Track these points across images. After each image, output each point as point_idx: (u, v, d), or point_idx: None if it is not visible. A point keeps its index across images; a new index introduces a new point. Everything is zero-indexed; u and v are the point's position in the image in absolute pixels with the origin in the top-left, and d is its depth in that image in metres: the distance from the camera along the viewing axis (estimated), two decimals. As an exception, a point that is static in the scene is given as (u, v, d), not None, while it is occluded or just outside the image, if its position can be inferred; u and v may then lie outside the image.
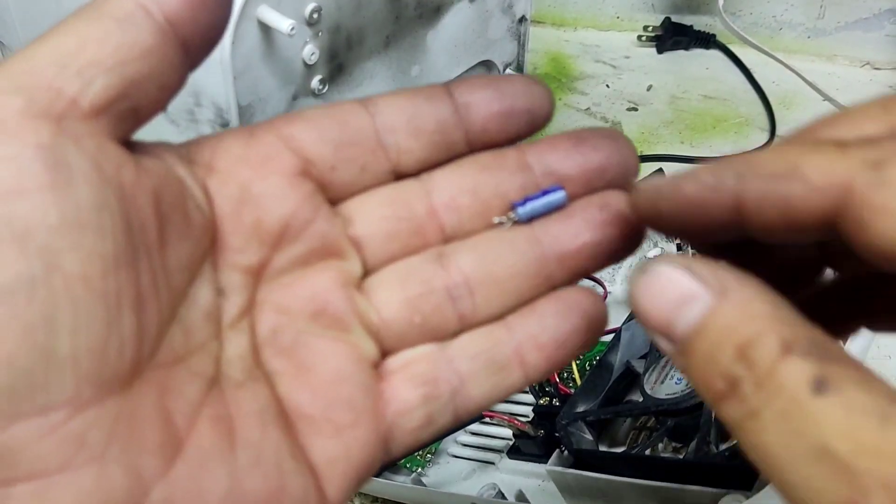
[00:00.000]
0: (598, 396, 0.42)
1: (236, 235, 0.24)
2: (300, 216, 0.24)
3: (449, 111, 0.25)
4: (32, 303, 0.19)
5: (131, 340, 0.20)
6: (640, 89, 0.83)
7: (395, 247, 0.25)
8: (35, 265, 0.19)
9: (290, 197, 0.24)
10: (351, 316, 0.24)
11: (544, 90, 0.26)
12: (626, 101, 0.82)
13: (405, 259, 0.25)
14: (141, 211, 0.21)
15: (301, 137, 0.25)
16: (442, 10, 0.47)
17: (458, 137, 0.25)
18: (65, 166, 0.19)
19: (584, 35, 0.92)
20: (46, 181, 0.19)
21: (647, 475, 0.38)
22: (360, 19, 0.42)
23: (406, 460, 0.46)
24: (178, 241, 0.22)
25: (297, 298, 0.24)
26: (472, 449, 0.47)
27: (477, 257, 0.25)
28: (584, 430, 0.41)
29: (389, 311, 0.25)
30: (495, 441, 0.46)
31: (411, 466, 0.46)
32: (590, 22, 0.92)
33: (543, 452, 0.42)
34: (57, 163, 0.19)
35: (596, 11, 0.91)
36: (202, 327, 0.23)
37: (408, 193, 0.25)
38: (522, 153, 0.26)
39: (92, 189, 0.20)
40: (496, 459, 0.45)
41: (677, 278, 0.19)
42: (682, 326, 0.19)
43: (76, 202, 0.19)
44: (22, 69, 0.20)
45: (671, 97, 0.82)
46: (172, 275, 0.22)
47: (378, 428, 0.24)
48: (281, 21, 0.37)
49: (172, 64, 0.22)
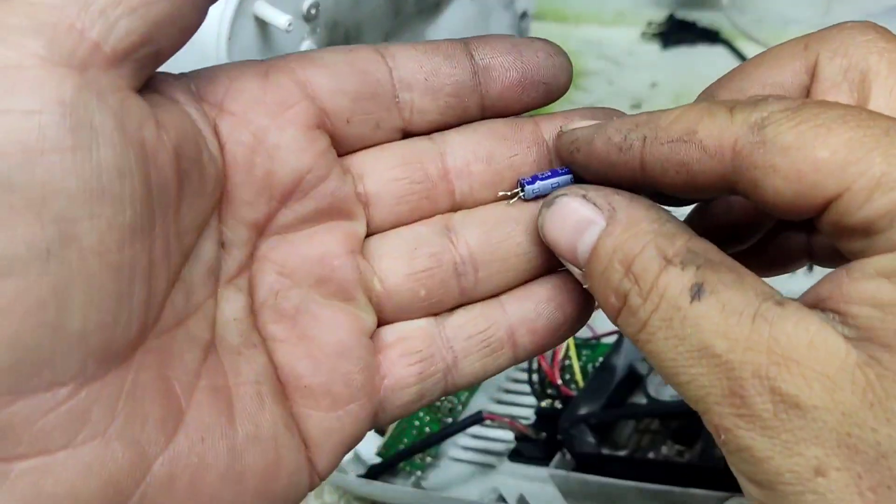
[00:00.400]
0: (601, 399, 0.42)
1: (246, 187, 0.23)
2: (314, 173, 0.23)
3: (468, 74, 0.24)
4: (44, 276, 0.17)
5: (139, 311, 0.20)
6: (643, 86, 0.83)
7: (403, 209, 0.25)
8: (50, 235, 0.17)
9: (307, 151, 0.23)
10: (356, 285, 0.24)
11: (565, 62, 0.25)
12: (629, 98, 0.81)
13: (412, 226, 0.25)
14: (161, 172, 0.20)
15: (318, 84, 0.24)
16: (442, 5, 0.46)
17: (473, 102, 0.25)
18: (87, 126, 0.18)
19: (586, 31, 0.91)
20: (68, 142, 0.18)
21: (650, 478, 0.38)
22: (359, 15, 0.41)
23: (405, 463, 0.46)
24: (193, 199, 0.21)
25: (302, 261, 0.24)
26: (472, 452, 0.46)
27: (485, 233, 0.25)
28: (586, 433, 0.40)
29: (394, 282, 0.24)
30: (496, 444, 0.46)
31: (411, 470, 0.46)
32: (593, 17, 0.91)
33: (545, 455, 0.42)
34: (79, 122, 0.18)
35: (599, 7, 0.90)
36: (203, 284, 0.22)
37: (422, 155, 0.25)
38: (538, 126, 0.25)
39: (114, 152, 0.18)
40: (497, 463, 0.45)
41: (576, 206, 0.21)
42: (581, 250, 0.21)
43: (97, 167, 0.18)
44: (40, 3, 0.18)
45: (675, 94, 0.81)
46: (184, 235, 0.21)
47: (372, 402, 0.24)
48: (278, 17, 0.36)
49: (194, 2, 0.21)
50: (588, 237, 0.21)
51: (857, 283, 0.17)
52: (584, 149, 0.23)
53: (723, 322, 0.18)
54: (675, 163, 0.20)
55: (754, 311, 0.18)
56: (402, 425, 0.46)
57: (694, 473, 0.37)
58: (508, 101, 0.25)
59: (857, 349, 0.17)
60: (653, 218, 0.20)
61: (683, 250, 0.19)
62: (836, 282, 0.18)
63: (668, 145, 0.21)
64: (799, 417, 0.17)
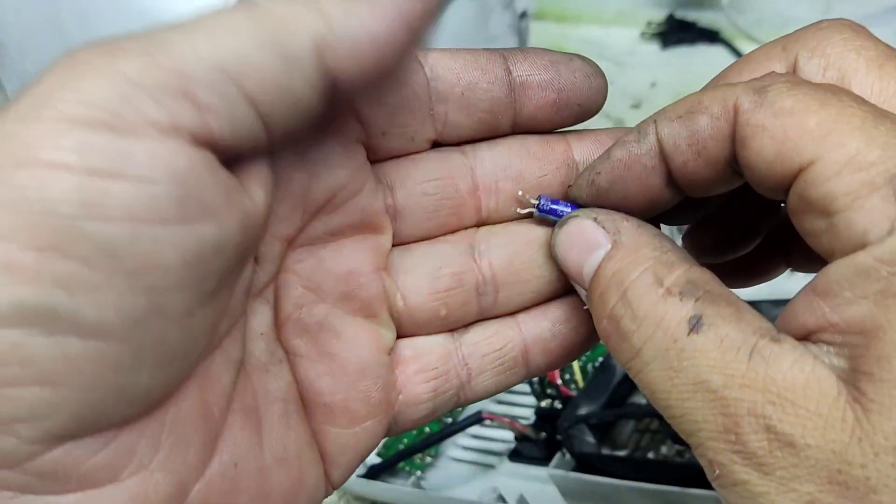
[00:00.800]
0: (600, 399, 0.42)
1: (284, 203, 0.22)
2: (349, 188, 0.23)
3: (504, 90, 0.24)
4: (125, 343, 0.18)
5: (196, 351, 0.20)
6: (643, 86, 0.83)
7: (431, 224, 0.25)
8: (140, 305, 0.17)
9: (344, 166, 0.23)
10: (380, 302, 0.24)
11: (602, 84, 0.25)
12: (629, 98, 0.81)
13: (437, 243, 0.25)
14: (252, 238, 0.20)
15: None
16: (441, 4, 0.46)
17: (507, 118, 0.25)
18: (196, 200, 0.18)
19: (586, 31, 0.91)
20: (176, 215, 0.18)
21: (650, 478, 0.37)
22: (358, 15, 0.41)
23: (405, 463, 0.46)
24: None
25: (328, 275, 0.23)
26: (472, 452, 0.46)
27: (509, 255, 0.25)
28: (586, 433, 0.40)
29: (416, 300, 0.24)
30: (496, 444, 0.46)
31: (410, 470, 0.46)
32: (592, 17, 0.91)
33: (545, 456, 0.42)
34: (190, 195, 0.18)
35: (598, 6, 0.90)
36: (240, 302, 0.22)
37: (454, 170, 0.25)
38: (569, 146, 0.25)
39: (218, 227, 0.19)
40: (497, 463, 0.45)
41: (586, 228, 0.22)
42: (587, 271, 0.21)
43: (200, 242, 0.18)
44: (169, 61, 0.18)
45: (675, 94, 0.81)
46: (241, 267, 0.21)
47: (388, 417, 0.24)
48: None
49: (320, 111, 0.20)
50: (594, 259, 0.21)
51: (841, 310, 0.18)
52: (605, 166, 0.23)
53: (720, 357, 0.18)
54: (685, 137, 0.21)
55: (751, 348, 0.18)
56: None
57: (694, 473, 0.37)
58: (541, 120, 0.25)
59: (846, 385, 0.17)
60: (655, 245, 0.21)
61: (683, 280, 0.19)
62: (818, 310, 0.18)
63: (678, 121, 0.21)
64: (793, 455, 0.17)
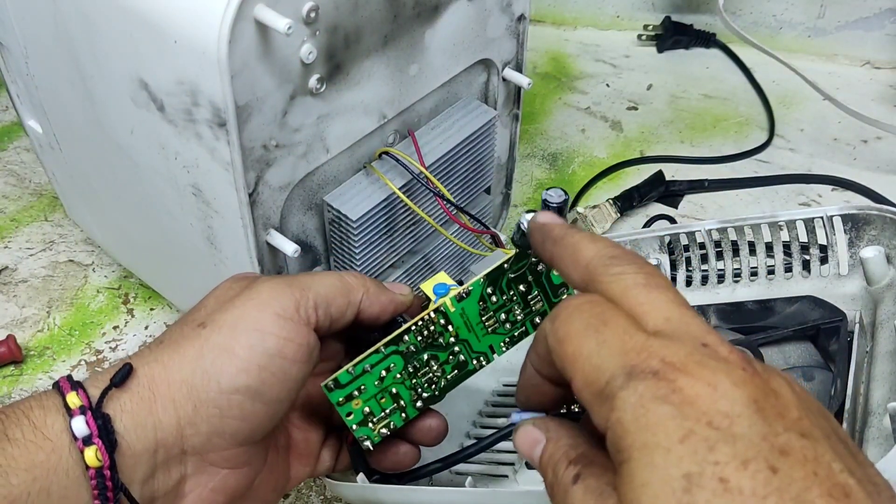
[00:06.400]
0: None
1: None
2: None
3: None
4: (270, 408, 0.35)
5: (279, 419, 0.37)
6: (640, 88, 0.83)
7: None
8: (264, 420, 0.35)
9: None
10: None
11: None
12: (625, 101, 0.81)
13: None
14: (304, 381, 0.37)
15: None
16: (440, 8, 0.47)
17: None
18: (311, 353, 0.36)
19: (583, 34, 0.91)
20: (305, 359, 0.35)
21: None
22: (358, 18, 0.42)
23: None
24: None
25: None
26: (484, 465, 0.46)
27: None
28: None
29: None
30: (502, 455, 0.46)
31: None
32: (590, 21, 0.92)
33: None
34: (310, 352, 0.36)
35: (596, 10, 0.91)
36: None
37: None
38: None
39: (312, 364, 0.36)
40: (510, 473, 0.45)
41: (530, 429, 0.31)
42: (534, 458, 0.30)
43: (310, 370, 0.36)
44: (306, 295, 0.36)
45: (671, 96, 0.82)
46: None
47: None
48: (278, 20, 0.36)
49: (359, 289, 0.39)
50: (538, 450, 0.30)
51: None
52: (519, 389, 0.34)
53: (583, 499, 0.26)
54: (538, 362, 0.31)
55: (601, 492, 0.26)
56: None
57: None
58: None
59: None
60: (570, 436, 0.29)
61: (580, 455, 0.28)
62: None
63: (534, 353, 0.31)
64: None
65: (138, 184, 0.49)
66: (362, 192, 0.47)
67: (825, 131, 0.77)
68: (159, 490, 0.33)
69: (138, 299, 0.63)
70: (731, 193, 0.71)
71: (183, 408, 0.33)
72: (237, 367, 0.33)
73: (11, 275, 0.65)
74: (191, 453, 0.34)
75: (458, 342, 0.40)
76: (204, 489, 0.34)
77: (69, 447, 0.30)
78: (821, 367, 0.40)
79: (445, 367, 0.40)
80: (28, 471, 0.29)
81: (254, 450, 0.36)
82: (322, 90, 0.42)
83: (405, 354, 0.39)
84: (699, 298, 0.50)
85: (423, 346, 0.39)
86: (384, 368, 0.39)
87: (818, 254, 0.47)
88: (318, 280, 0.37)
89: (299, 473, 0.40)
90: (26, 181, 0.73)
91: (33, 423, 0.31)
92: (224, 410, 0.33)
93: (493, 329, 0.40)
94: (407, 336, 0.39)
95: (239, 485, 0.36)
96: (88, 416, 0.31)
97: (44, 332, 0.61)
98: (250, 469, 0.36)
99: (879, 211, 0.44)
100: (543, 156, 0.75)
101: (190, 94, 0.39)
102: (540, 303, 0.40)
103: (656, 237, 0.50)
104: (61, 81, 0.49)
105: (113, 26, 0.41)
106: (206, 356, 0.33)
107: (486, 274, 0.39)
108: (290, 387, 0.35)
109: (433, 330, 0.39)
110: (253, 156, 0.41)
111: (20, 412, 0.31)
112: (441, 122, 0.51)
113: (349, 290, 0.37)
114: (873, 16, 0.81)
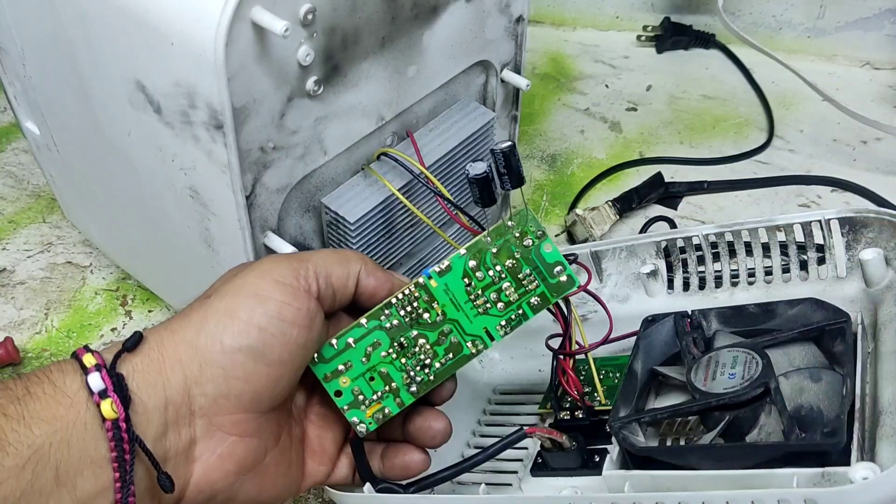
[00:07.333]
0: (629, 403, 0.41)
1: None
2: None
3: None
4: (279, 371, 0.37)
5: (292, 388, 0.39)
6: (639, 89, 0.83)
7: None
8: (268, 382, 0.36)
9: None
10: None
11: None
12: (625, 101, 0.81)
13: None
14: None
15: None
16: (438, 9, 0.47)
17: None
18: (312, 319, 0.37)
19: (583, 35, 0.91)
20: (305, 323, 0.37)
21: (730, 465, 0.36)
22: (356, 20, 0.41)
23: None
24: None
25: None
26: (486, 474, 0.45)
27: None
28: (637, 433, 0.40)
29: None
30: (504, 463, 0.45)
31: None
32: (589, 21, 0.92)
33: (578, 464, 0.42)
34: (311, 318, 0.37)
35: (595, 11, 0.91)
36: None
37: None
38: None
39: (315, 332, 0.38)
40: (513, 480, 0.44)
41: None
42: None
43: (313, 337, 0.38)
44: (305, 265, 0.38)
45: (670, 97, 0.82)
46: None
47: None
48: (275, 22, 0.36)
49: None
50: None
51: None
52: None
53: None
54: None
55: None
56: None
57: (778, 453, 0.35)
58: None
59: None
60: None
61: None
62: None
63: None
64: None
65: (135, 186, 0.49)
66: (360, 195, 0.47)
67: (825, 132, 0.77)
68: (171, 450, 0.35)
69: (136, 301, 0.63)
70: (731, 195, 0.71)
71: (189, 367, 0.35)
72: (238, 328, 0.35)
73: (9, 276, 0.65)
74: (199, 414, 0.35)
75: (448, 321, 0.40)
76: (212, 454, 0.36)
77: (87, 402, 0.32)
78: (827, 369, 0.40)
79: (437, 350, 0.40)
80: (49, 423, 0.31)
81: (261, 420, 0.37)
82: (320, 92, 0.42)
83: (389, 331, 0.39)
84: (697, 302, 0.49)
85: (408, 322, 0.39)
86: (369, 345, 0.39)
87: (816, 256, 0.47)
88: (317, 252, 0.39)
89: (314, 472, 0.40)
90: (24, 183, 0.73)
91: (53, 383, 0.33)
92: (228, 370, 0.35)
93: (485, 310, 0.40)
94: (389, 310, 0.39)
95: (247, 455, 0.37)
96: (103, 374, 0.33)
97: (42, 334, 0.61)
98: (259, 441, 0.37)
99: (877, 214, 0.44)
100: (542, 157, 0.75)
101: (187, 96, 0.39)
102: (535, 283, 0.40)
103: (653, 242, 0.50)
104: (59, 83, 0.49)
105: (110, 28, 0.41)
106: (210, 319, 0.36)
107: (467, 247, 0.39)
108: (291, 349, 0.36)
109: (416, 306, 0.39)
110: (250, 158, 0.41)
111: (41, 374, 0.33)
112: (439, 123, 0.51)
113: (347, 260, 0.39)
114: (873, 16, 0.81)
